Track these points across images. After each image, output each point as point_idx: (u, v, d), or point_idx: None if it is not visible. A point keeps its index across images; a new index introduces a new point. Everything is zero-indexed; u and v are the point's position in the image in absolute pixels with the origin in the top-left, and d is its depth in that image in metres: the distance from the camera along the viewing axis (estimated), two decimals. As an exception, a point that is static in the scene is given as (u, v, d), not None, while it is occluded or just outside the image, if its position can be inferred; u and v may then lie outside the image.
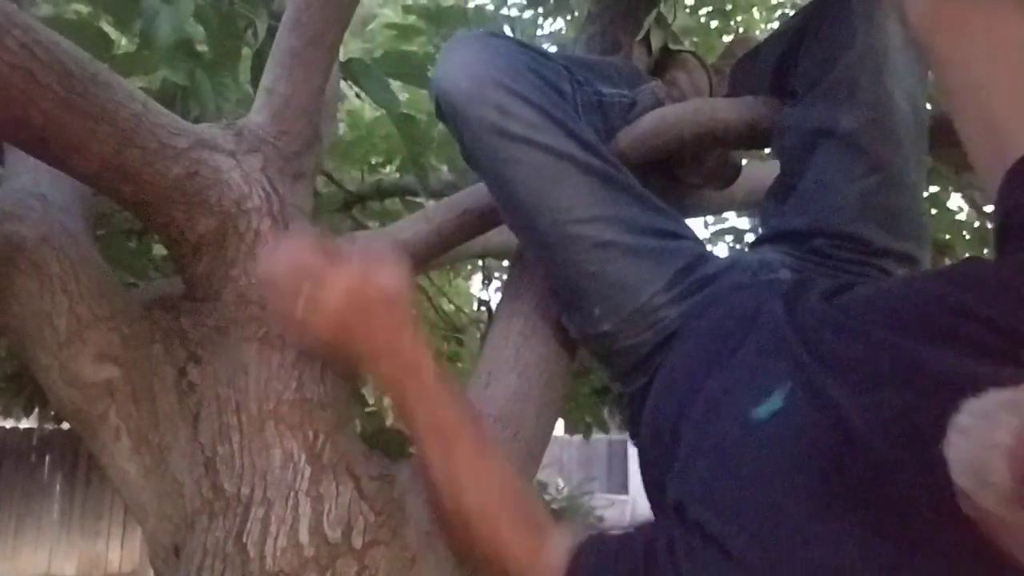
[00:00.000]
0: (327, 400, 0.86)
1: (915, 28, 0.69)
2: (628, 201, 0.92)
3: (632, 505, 9.49)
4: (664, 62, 1.27)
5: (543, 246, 0.93)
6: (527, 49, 0.95)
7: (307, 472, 0.81)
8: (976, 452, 0.43)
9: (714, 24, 2.46)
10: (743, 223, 2.50)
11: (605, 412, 2.59)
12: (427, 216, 1.11)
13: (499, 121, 0.87)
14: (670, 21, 1.28)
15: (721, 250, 2.43)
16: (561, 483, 7.23)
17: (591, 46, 1.26)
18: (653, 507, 0.81)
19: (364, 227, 2.12)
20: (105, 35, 1.13)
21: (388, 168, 2.35)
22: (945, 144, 0.97)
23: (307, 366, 0.86)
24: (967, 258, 0.64)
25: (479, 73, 0.88)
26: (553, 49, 2.23)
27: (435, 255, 1.15)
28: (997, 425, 0.42)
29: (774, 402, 0.63)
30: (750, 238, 2.42)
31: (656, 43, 1.25)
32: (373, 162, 2.32)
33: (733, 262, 0.96)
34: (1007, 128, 0.62)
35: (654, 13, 1.23)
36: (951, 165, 1.64)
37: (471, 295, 3.28)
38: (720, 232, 2.47)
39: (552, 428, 1.04)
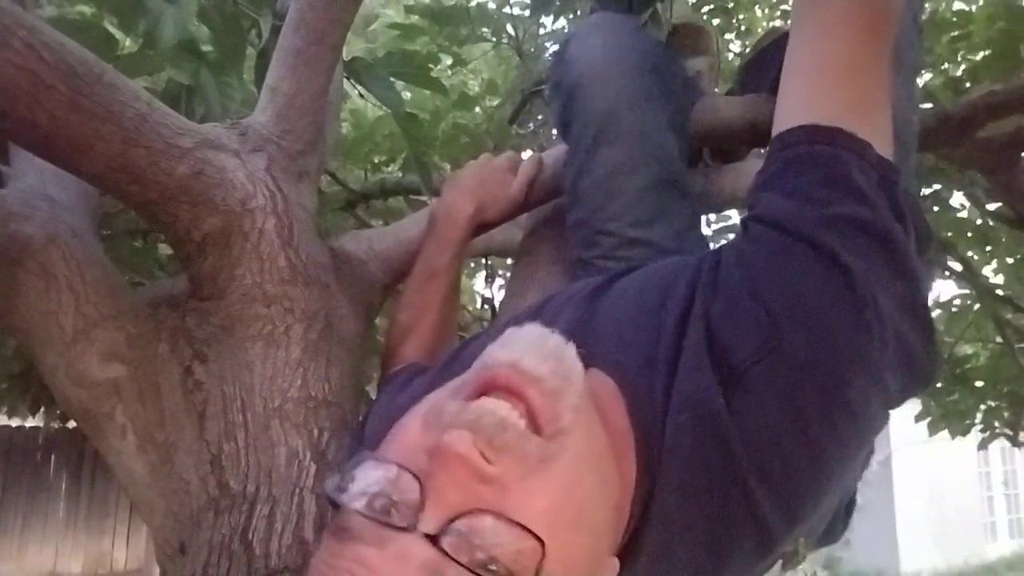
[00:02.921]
0: (332, 398, 0.86)
1: None
2: (665, 228, 0.96)
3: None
4: (683, 45, 1.28)
5: (577, 229, 0.99)
6: (656, 48, 1.00)
7: (312, 469, 0.81)
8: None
9: (716, 22, 2.46)
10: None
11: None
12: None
13: (602, 116, 0.93)
14: (669, 16, 1.29)
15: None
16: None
17: (593, 45, 1.27)
18: None
19: (368, 225, 2.12)
20: (110, 35, 1.13)
21: (391, 167, 2.35)
22: (948, 142, 0.98)
23: (312, 364, 0.86)
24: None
25: (610, 64, 0.94)
26: (554, 48, 2.24)
27: (438, 253, 1.14)
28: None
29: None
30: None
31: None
32: (376, 161, 2.33)
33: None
34: (777, 111, 0.66)
35: (649, 11, 1.24)
36: (954, 163, 1.64)
37: (474, 293, 3.28)
38: (722, 230, 2.47)
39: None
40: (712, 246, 1.07)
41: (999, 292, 2.33)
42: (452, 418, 0.52)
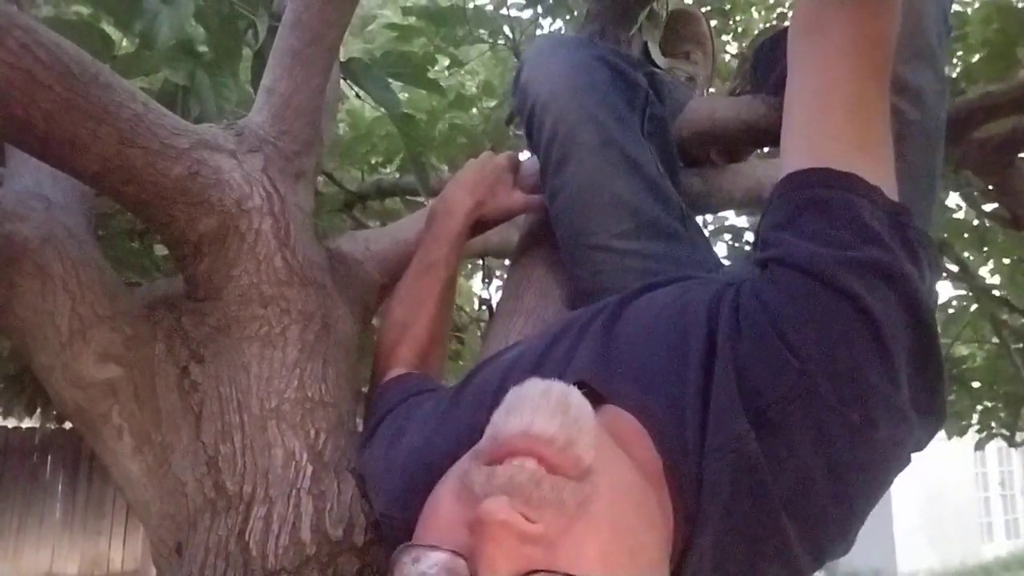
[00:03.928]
0: (328, 399, 0.86)
1: (792, 26, 0.73)
2: (650, 235, 0.96)
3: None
4: (674, 33, 1.29)
5: (564, 248, 1.01)
6: (609, 61, 1.00)
7: (309, 470, 0.81)
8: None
9: (713, 23, 2.46)
10: (742, 222, 2.50)
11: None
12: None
13: (562, 136, 0.95)
14: (665, 15, 1.29)
15: (720, 249, 2.44)
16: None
17: (591, 45, 1.27)
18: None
19: (364, 226, 2.12)
20: (106, 36, 1.13)
21: (388, 168, 2.35)
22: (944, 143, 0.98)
23: (308, 365, 0.86)
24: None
25: (559, 88, 0.96)
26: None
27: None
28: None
29: (512, 352, 0.79)
30: (749, 236, 2.43)
31: (649, 39, 1.26)
32: (373, 162, 2.32)
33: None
34: (784, 145, 0.68)
35: (646, 10, 1.24)
36: (950, 163, 1.64)
37: (472, 294, 3.28)
38: (718, 231, 2.47)
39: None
40: (711, 246, 1.08)
41: (996, 293, 2.34)
42: (484, 486, 0.51)
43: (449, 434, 0.71)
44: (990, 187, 1.75)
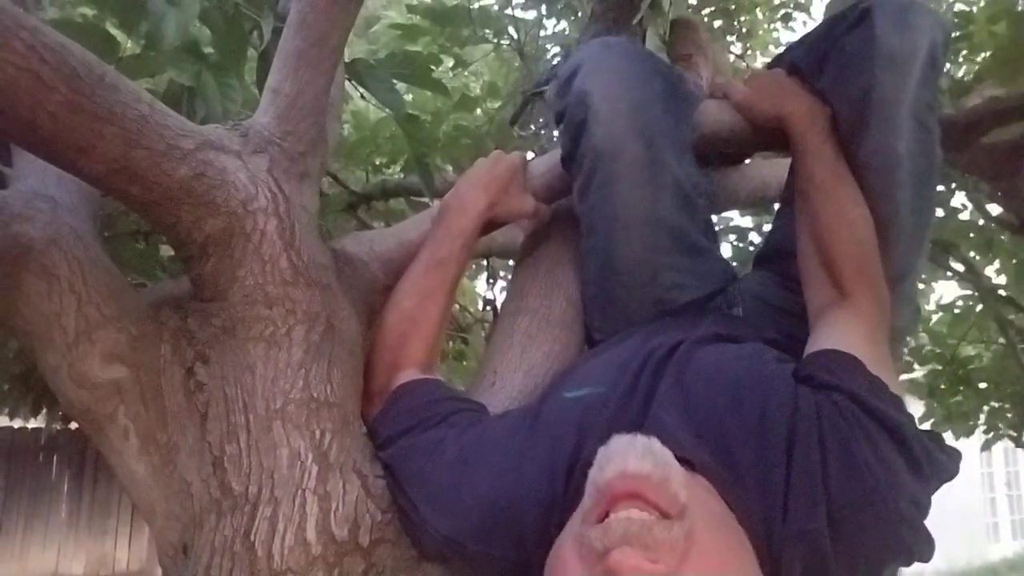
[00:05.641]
0: (334, 399, 0.86)
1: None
2: (681, 250, 1.01)
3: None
4: (674, 39, 1.29)
5: (597, 256, 1.03)
6: (661, 73, 1.00)
7: (314, 471, 0.81)
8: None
9: (718, 24, 2.46)
10: (746, 222, 2.50)
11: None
12: (432, 216, 1.11)
13: (612, 154, 0.95)
14: (666, 9, 1.29)
15: (725, 249, 2.43)
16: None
17: (595, 46, 1.27)
18: None
19: (369, 227, 2.13)
20: (111, 37, 1.13)
21: (393, 168, 2.36)
22: (952, 147, 0.98)
23: (313, 365, 0.86)
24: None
25: (620, 108, 0.95)
26: (556, 50, 2.24)
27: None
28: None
29: (581, 391, 0.85)
30: (753, 237, 2.43)
31: (651, 28, 1.26)
32: (378, 162, 2.33)
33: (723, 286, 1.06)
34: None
35: (648, 0, 1.24)
36: (957, 168, 1.64)
37: (476, 294, 3.28)
38: (724, 231, 2.46)
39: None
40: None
41: (1002, 293, 2.33)
42: (605, 540, 0.59)
43: (528, 476, 0.77)
44: (999, 193, 1.74)
